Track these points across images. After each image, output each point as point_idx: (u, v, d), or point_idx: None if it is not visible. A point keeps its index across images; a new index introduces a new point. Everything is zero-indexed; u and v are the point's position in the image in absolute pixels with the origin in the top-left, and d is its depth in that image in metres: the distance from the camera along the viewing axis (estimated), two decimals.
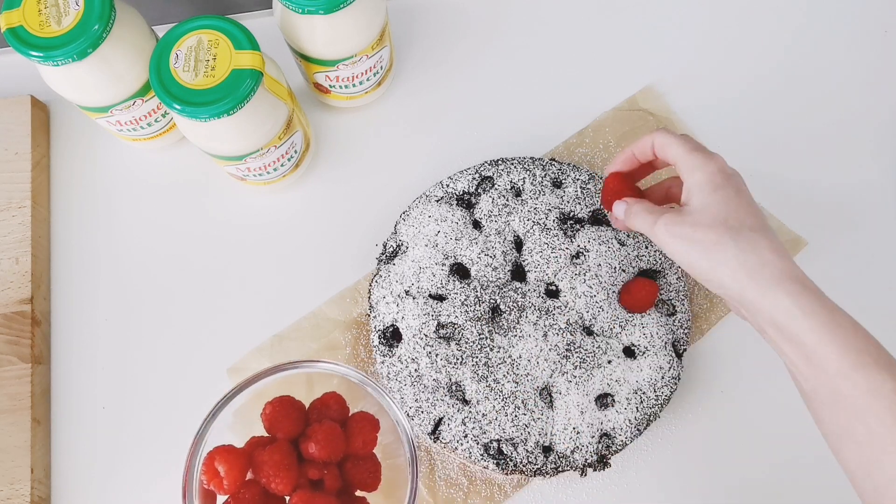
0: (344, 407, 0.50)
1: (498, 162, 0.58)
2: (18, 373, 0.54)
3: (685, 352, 0.54)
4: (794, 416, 0.54)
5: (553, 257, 0.55)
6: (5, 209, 0.58)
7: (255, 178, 0.57)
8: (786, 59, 0.64)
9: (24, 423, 0.53)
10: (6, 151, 0.60)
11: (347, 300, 0.58)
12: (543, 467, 0.51)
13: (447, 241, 0.55)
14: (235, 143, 0.51)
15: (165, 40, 0.48)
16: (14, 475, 0.52)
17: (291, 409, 0.48)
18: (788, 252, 0.42)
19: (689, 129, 0.62)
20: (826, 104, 0.63)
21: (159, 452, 0.55)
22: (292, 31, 0.53)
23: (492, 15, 0.66)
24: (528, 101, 0.63)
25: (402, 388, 0.53)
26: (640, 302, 0.53)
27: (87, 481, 0.55)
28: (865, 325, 0.55)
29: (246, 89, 0.47)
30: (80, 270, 0.60)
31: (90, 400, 0.56)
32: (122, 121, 0.56)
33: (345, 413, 0.50)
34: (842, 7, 0.65)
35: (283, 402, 0.48)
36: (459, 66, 0.65)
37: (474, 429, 0.51)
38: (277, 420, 0.47)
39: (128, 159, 0.63)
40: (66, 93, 0.53)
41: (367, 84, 0.59)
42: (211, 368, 0.56)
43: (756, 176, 0.60)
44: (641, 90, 0.63)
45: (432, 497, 0.53)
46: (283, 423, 0.47)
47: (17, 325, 0.56)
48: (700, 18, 0.66)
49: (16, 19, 0.48)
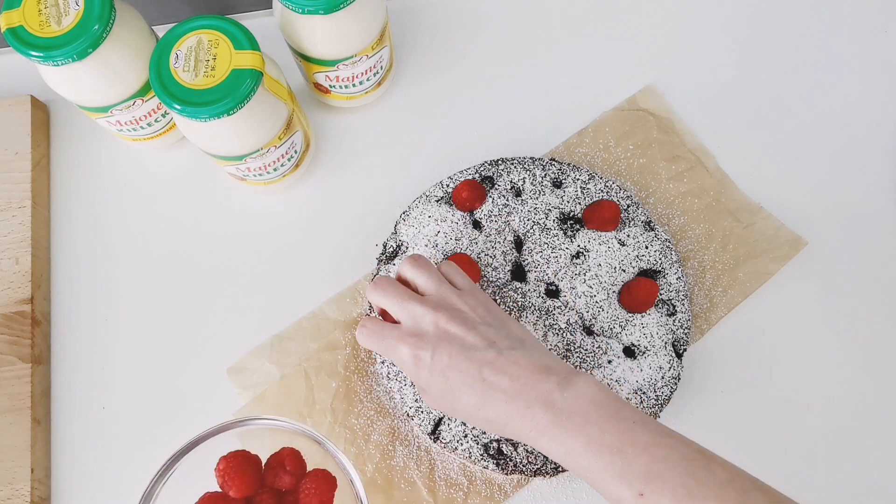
0: (301, 464, 0.48)
1: (498, 162, 0.58)
2: (18, 373, 0.54)
3: (685, 352, 0.54)
4: (794, 415, 0.55)
5: (553, 257, 0.55)
6: (5, 209, 0.58)
7: (255, 178, 0.57)
8: (786, 59, 0.64)
9: (24, 423, 0.53)
10: (6, 151, 0.60)
11: (347, 300, 0.58)
12: (543, 467, 0.51)
13: (447, 241, 0.55)
14: (235, 143, 0.51)
15: (165, 40, 0.48)
16: (14, 475, 0.52)
17: (246, 464, 0.46)
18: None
19: (689, 129, 0.62)
20: (826, 104, 0.63)
21: (159, 452, 0.55)
22: (292, 31, 0.53)
23: (492, 15, 0.66)
24: (528, 101, 0.63)
25: (402, 387, 0.53)
26: (640, 302, 0.53)
27: (87, 481, 0.55)
28: (866, 325, 0.55)
29: (246, 89, 0.47)
30: (80, 270, 0.60)
31: (90, 400, 0.56)
32: (122, 121, 0.56)
33: (302, 470, 0.48)
34: (842, 7, 0.65)
35: (237, 458, 0.46)
36: (459, 66, 0.65)
37: (474, 429, 0.51)
38: (231, 477, 0.46)
39: (128, 159, 0.63)
40: (66, 93, 0.53)
41: (367, 84, 0.59)
42: (211, 368, 0.56)
43: (756, 176, 0.61)
44: (641, 90, 0.63)
45: (432, 497, 0.53)
46: (237, 481, 0.46)
47: (17, 325, 0.56)
48: (700, 18, 0.66)
49: (16, 19, 0.48)
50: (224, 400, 0.56)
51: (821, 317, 0.57)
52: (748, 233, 0.58)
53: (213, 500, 0.46)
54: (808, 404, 0.55)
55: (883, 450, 0.54)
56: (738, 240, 0.58)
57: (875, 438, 0.54)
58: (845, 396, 0.55)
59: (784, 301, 0.57)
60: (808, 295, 0.57)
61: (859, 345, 0.56)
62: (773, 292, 0.57)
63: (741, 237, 0.58)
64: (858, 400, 0.55)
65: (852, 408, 0.54)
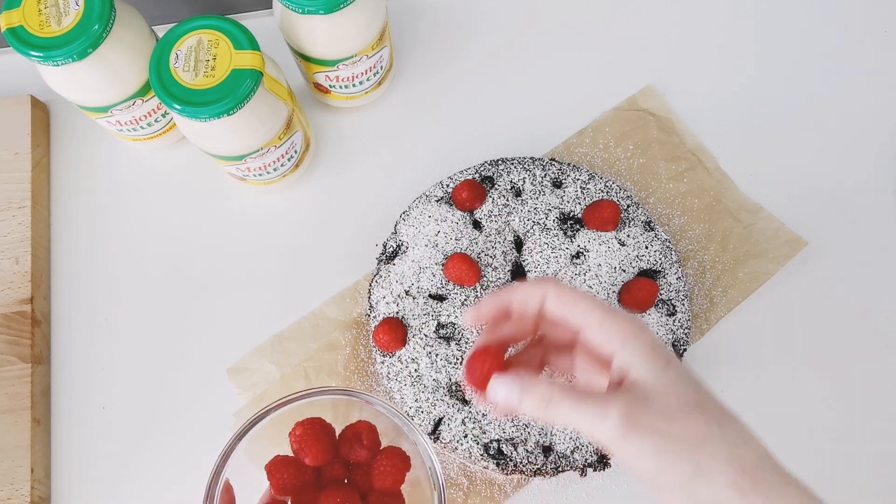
0: (376, 439, 0.47)
1: (498, 162, 0.58)
2: (18, 373, 0.54)
3: (685, 352, 0.54)
4: (794, 415, 0.55)
5: (553, 257, 0.55)
6: (5, 209, 0.58)
7: (255, 178, 0.57)
8: (786, 59, 0.64)
9: (24, 423, 0.53)
10: (6, 151, 0.60)
11: (347, 300, 0.58)
12: (543, 467, 0.51)
13: (447, 241, 0.55)
14: (235, 143, 0.51)
15: (165, 40, 0.48)
16: (14, 475, 0.52)
17: (323, 433, 0.45)
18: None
19: (689, 129, 0.62)
20: (826, 104, 0.63)
21: (159, 452, 0.55)
22: (292, 31, 0.53)
23: (492, 15, 0.66)
24: (528, 101, 0.63)
25: (402, 388, 0.53)
26: (640, 302, 0.53)
27: (87, 481, 0.55)
28: (866, 325, 0.55)
29: (246, 89, 0.47)
30: (80, 270, 0.60)
31: (90, 400, 0.56)
32: (122, 121, 0.56)
33: (377, 445, 0.47)
34: (842, 7, 0.65)
35: (315, 425, 0.45)
36: (459, 66, 0.65)
37: (474, 429, 0.51)
38: (307, 443, 0.44)
39: (128, 159, 0.63)
40: (66, 93, 0.53)
41: (367, 84, 0.59)
42: (211, 368, 0.56)
43: (756, 176, 0.61)
44: (641, 90, 0.63)
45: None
46: (313, 448, 0.44)
47: (17, 325, 0.56)
48: (700, 18, 0.66)
49: (16, 19, 0.48)
50: (224, 400, 0.55)
51: (821, 317, 0.57)
52: (748, 233, 0.58)
53: (286, 465, 0.45)
54: (808, 404, 0.55)
55: (883, 449, 0.54)
56: (738, 240, 0.58)
57: (875, 438, 0.54)
58: (846, 396, 0.55)
59: (784, 301, 0.57)
60: (808, 295, 0.57)
61: (859, 345, 0.56)
62: (773, 292, 0.57)
63: (741, 237, 0.58)
64: (859, 400, 0.55)
65: (853, 407, 0.54)
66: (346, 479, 0.47)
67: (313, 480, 0.46)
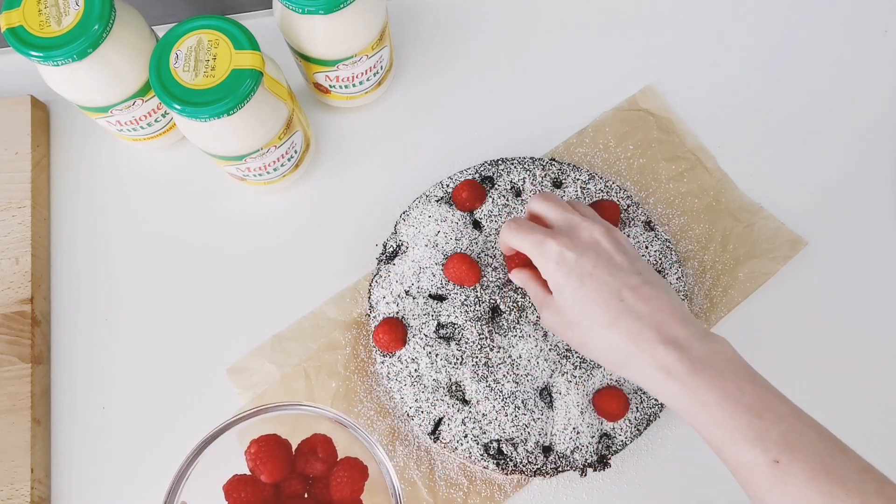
0: (333, 451, 0.47)
1: (498, 162, 0.58)
2: (18, 373, 0.54)
3: None
4: None
5: None
6: (5, 209, 0.58)
7: (255, 178, 0.57)
8: (786, 59, 0.64)
9: (24, 423, 0.53)
10: (6, 151, 0.60)
11: (347, 300, 0.58)
12: (543, 467, 0.51)
13: (447, 241, 0.55)
14: (235, 143, 0.51)
15: (165, 40, 0.48)
16: (14, 475, 0.52)
17: (278, 449, 0.45)
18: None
19: (689, 129, 0.62)
20: (826, 104, 0.63)
21: (159, 452, 0.55)
22: (292, 31, 0.53)
23: (492, 15, 0.66)
24: (528, 101, 0.63)
25: (402, 388, 0.53)
26: None
27: (87, 481, 0.55)
28: (866, 326, 0.55)
29: (246, 89, 0.47)
30: (80, 270, 0.60)
31: (90, 400, 0.56)
32: (122, 121, 0.56)
33: (333, 457, 0.47)
34: (842, 7, 0.65)
35: (270, 442, 0.45)
36: (459, 66, 0.65)
37: (474, 429, 0.51)
38: (262, 460, 0.44)
39: (128, 159, 0.63)
40: (66, 93, 0.53)
41: (367, 84, 0.59)
42: (211, 368, 0.56)
43: (756, 176, 0.61)
44: (641, 90, 0.63)
45: (432, 497, 0.53)
46: (269, 465, 0.44)
47: (17, 325, 0.56)
48: (700, 18, 0.66)
49: (16, 19, 0.48)
50: (224, 400, 0.55)
51: (821, 317, 0.57)
52: (748, 233, 0.58)
53: (243, 484, 0.45)
54: (808, 404, 0.55)
55: (883, 449, 0.54)
56: (738, 240, 0.58)
57: (875, 438, 0.54)
58: (846, 396, 0.55)
59: (784, 301, 0.57)
60: (808, 295, 0.57)
61: (859, 344, 0.56)
62: (773, 292, 0.57)
63: (741, 237, 0.58)
64: (859, 399, 0.55)
65: (853, 407, 0.54)
66: (307, 493, 0.47)
67: (272, 497, 0.46)
